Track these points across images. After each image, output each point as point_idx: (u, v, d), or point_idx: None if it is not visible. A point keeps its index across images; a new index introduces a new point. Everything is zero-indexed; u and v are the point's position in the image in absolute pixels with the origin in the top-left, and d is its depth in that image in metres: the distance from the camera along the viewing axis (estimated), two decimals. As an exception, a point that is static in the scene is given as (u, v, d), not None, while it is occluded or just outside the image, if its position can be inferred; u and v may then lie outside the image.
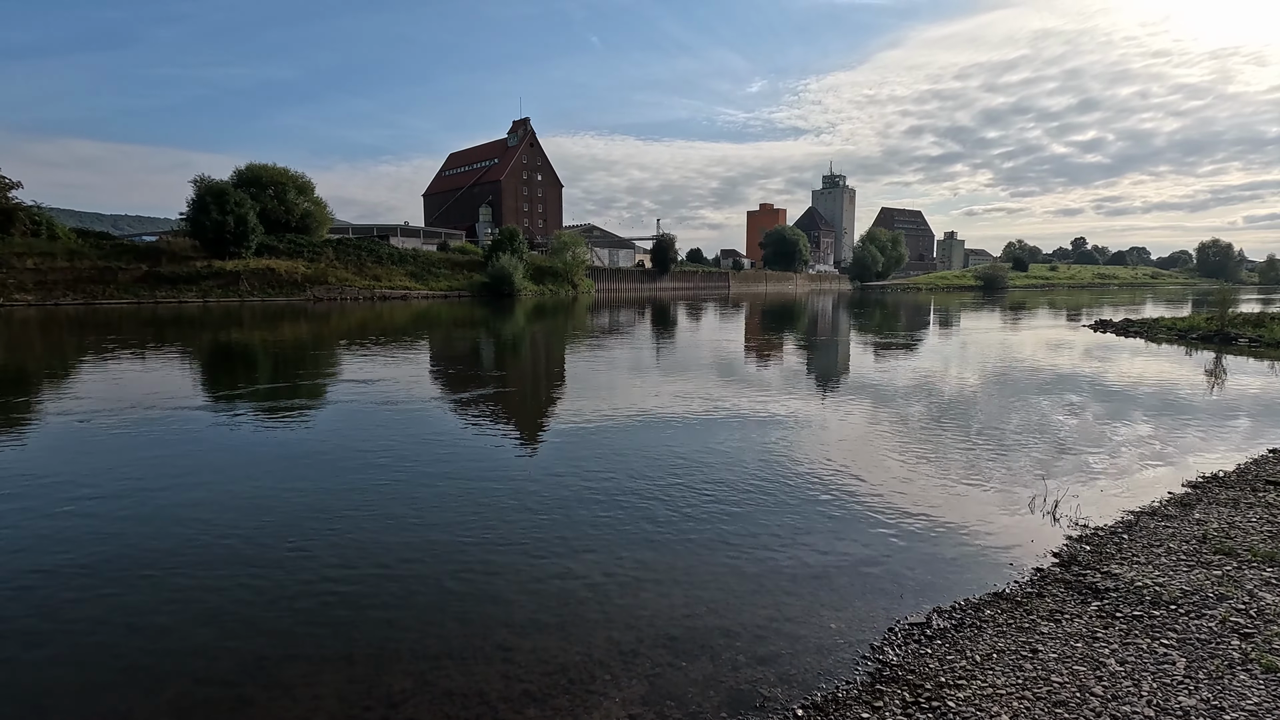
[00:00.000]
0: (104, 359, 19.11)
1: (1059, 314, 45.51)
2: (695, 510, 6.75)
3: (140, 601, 4.92)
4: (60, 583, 5.21)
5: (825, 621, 4.58)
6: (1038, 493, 7.27)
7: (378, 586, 5.13)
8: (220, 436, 10.06)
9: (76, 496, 7.20)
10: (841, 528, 6.31)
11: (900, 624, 4.52)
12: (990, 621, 4.48)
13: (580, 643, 4.33)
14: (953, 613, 4.64)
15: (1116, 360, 19.36)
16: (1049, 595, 4.84)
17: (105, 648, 4.32)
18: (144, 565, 5.52)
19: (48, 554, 5.74)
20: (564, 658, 4.17)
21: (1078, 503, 6.97)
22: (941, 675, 3.86)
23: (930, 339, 28.03)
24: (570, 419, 11.21)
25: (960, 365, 18.69)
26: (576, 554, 5.70)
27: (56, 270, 53.11)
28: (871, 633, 4.44)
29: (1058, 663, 3.93)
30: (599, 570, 5.40)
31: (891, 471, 8.15)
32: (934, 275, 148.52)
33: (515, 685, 3.91)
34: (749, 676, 3.98)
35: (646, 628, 4.51)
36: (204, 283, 56.72)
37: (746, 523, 6.42)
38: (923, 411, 11.88)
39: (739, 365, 19.15)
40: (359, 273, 66.16)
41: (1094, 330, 30.04)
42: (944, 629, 4.43)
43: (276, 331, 29.20)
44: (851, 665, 4.08)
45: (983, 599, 4.85)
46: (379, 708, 3.72)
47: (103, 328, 30.52)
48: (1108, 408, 12.24)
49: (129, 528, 6.33)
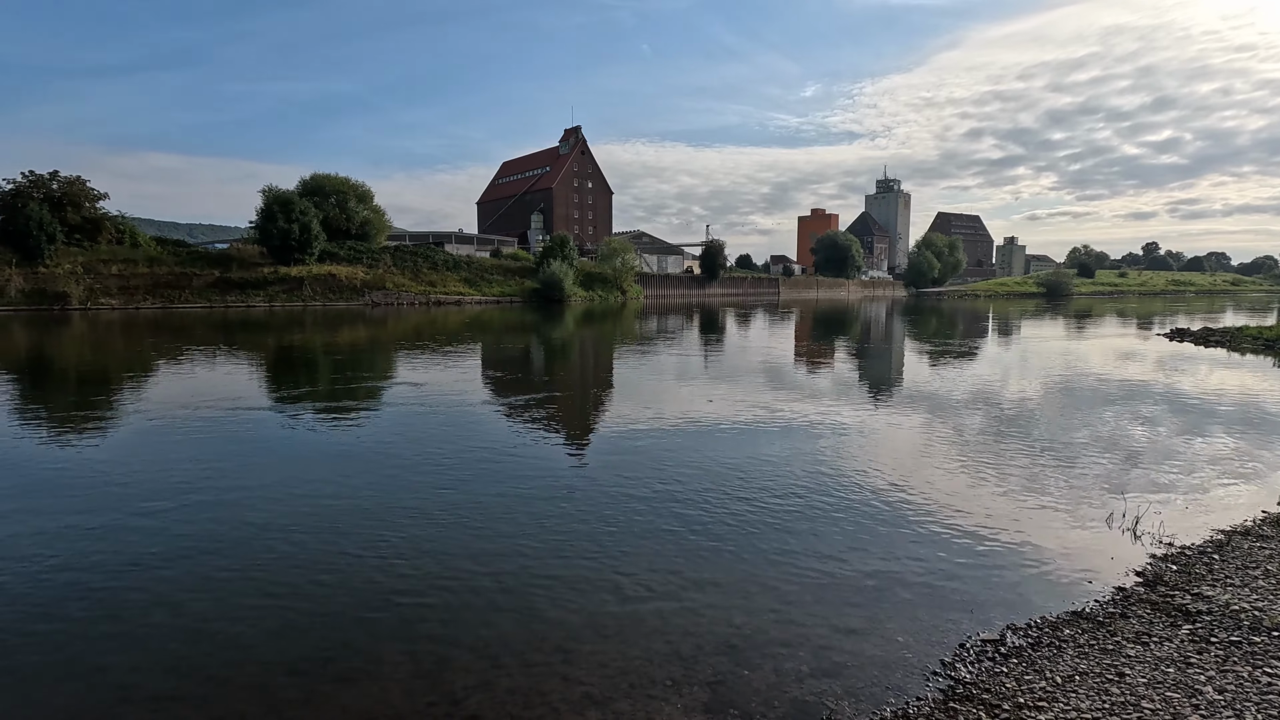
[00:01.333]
0: (180, 360, 20.09)
1: (1129, 322, 43.37)
2: (750, 519, 6.64)
3: (214, 596, 5.11)
4: (134, 577, 5.45)
5: (891, 635, 4.42)
6: (1114, 508, 6.90)
7: (438, 587, 5.20)
8: (287, 437, 10.42)
9: (154, 491, 7.56)
10: (902, 540, 6.11)
11: (972, 640, 4.33)
12: (1070, 641, 4.24)
13: (639, 647, 4.29)
14: (1028, 631, 4.42)
15: (1195, 372, 18.30)
16: (1133, 616, 4.57)
17: (188, 633, 4.49)
18: (216, 562, 5.74)
19: (128, 547, 6.02)
20: (622, 662, 4.14)
21: (1160, 520, 6.58)
22: (1020, 696, 3.67)
23: (989, 347, 27.07)
24: (621, 425, 11.21)
25: (1021, 375, 17.97)
26: (631, 560, 5.67)
27: (138, 276, 56.21)
28: (941, 648, 4.26)
29: (1148, 688, 3.69)
30: (655, 577, 5.35)
31: (951, 483, 7.86)
32: (993, 282, 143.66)
33: (575, 687, 3.89)
34: (813, 688, 3.86)
35: (706, 635, 4.44)
36: (270, 288, 59.18)
37: (802, 533, 6.27)
38: (982, 422, 11.45)
39: (789, 372, 18.86)
40: (415, 278, 67.93)
41: (1169, 339, 28.48)
42: (1020, 647, 4.22)
43: (337, 335, 30.20)
44: (921, 681, 3.92)
45: (1061, 617, 4.61)
46: (443, 704, 3.75)
47: (179, 331, 32.12)
48: (1187, 421, 11.56)
49: (200, 525, 6.60)
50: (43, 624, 4.62)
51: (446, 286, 68.64)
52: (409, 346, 24.79)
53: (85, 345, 25.90)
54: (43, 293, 51.05)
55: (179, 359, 20.27)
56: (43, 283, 51.43)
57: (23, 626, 4.59)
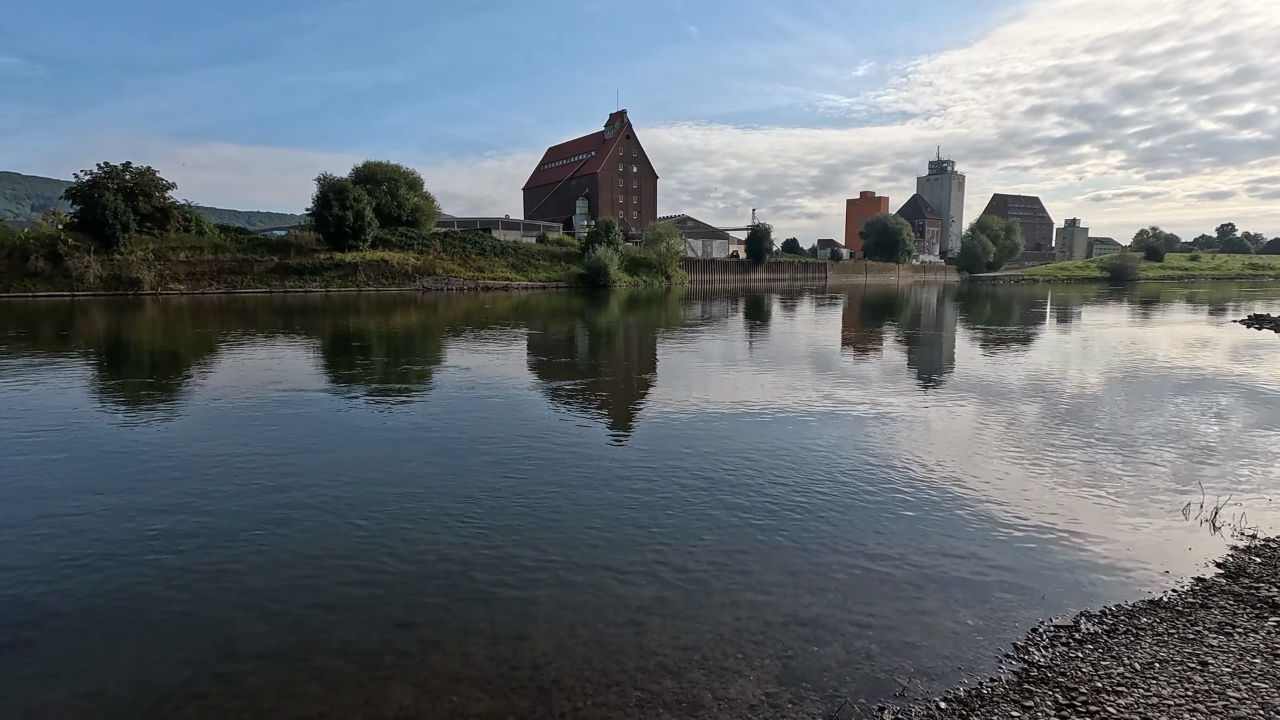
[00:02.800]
0: (243, 343, 21.01)
1: (1200, 308, 41.29)
2: (806, 506, 6.67)
3: (299, 567, 5.43)
4: (218, 548, 5.82)
5: (961, 618, 4.43)
6: (1192, 499, 6.69)
7: (511, 563, 5.40)
8: (350, 419, 10.86)
9: (227, 470, 8.01)
10: (964, 528, 6.06)
11: (1045, 625, 4.31)
12: (1148, 630, 4.19)
13: (708, 622, 4.41)
14: (1103, 618, 4.37)
15: (1275, 360, 17.38)
16: (1215, 607, 4.47)
17: (280, 598, 4.80)
18: (296, 535, 6.08)
19: (210, 521, 6.43)
20: (694, 636, 4.26)
21: (1241, 511, 6.36)
22: (1097, 680, 3.65)
23: (1046, 334, 26.17)
24: (669, 410, 11.31)
25: (1081, 363, 17.36)
26: (693, 542, 5.78)
27: (204, 262, 58.73)
28: (1013, 632, 4.25)
29: (1233, 677, 3.63)
30: (720, 556, 5.45)
31: (1009, 472, 7.73)
32: (1052, 266, 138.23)
33: (650, 658, 4.03)
34: (884, 665, 3.92)
35: (773, 613, 4.53)
36: (326, 273, 61.11)
37: (861, 520, 6.28)
38: (1039, 411, 11.15)
39: (836, 359, 18.64)
40: (464, 264, 69.16)
41: (1247, 326, 27.05)
42: (1095, 634, 4.18)
43: (391, 319, 31.06)
44: (994, 662, 3.93)
45: (1137, 606, 4.54)
46: (525, 668, 3.94)
47: (242, 314, 33.51)
48: (1265, 412, 11.04)
49: (279, 499, 6.98)
50: (160, 587, 5.00)
51: (494, 272, 69.68)
52: (461, 331, 25.36)
53: (159, 328, 27.28)
54: (118, 278, 53.83)
55: (244, 342, 21.21)
56: (118, 269, 54.22)
57: (133, 588, 4.97)
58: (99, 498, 6.87)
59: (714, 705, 3.60)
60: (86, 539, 5.80)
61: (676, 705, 3.61)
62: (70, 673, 3.93)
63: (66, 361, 16.74)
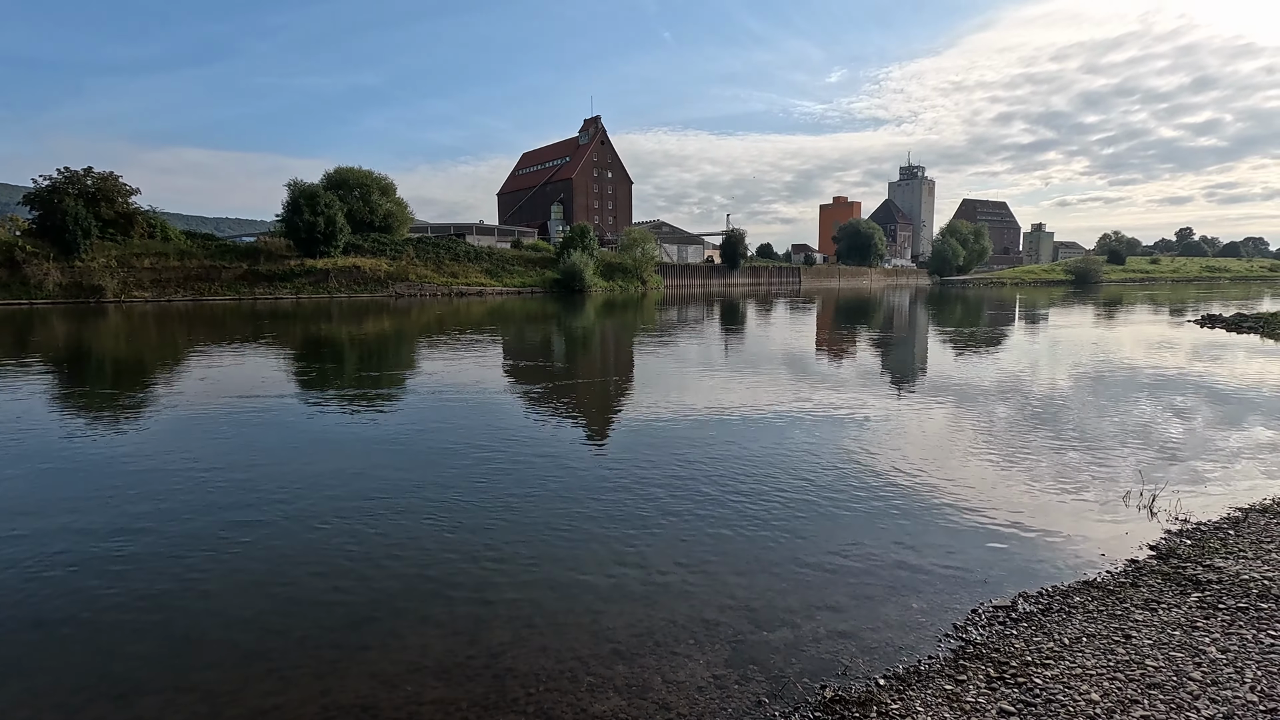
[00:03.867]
0: (211, 352, 20.71)
1: (1160, 309, 42.58)
2: (771, 499, 6.83)
3: (264, 567, 5.44)
4: (176, 552, 5.81)
5: (907, 601, 4.60)
6: (1134, 489, 6.98)
7: (473, 558, 5.47)
8: (320, 425, 10.82)
9: (191, 475, 7.96)
10: (923, 518, 6.26)
11: (984, 606, 4.50)
12: (1080, 608, 4.40)
13: (664, 610, 4.53)
14: (1040, 598, 4.58)
15: (1227, 359, 18.05)
16: (1144, 585, 4.70)
17: (238, 598, 4.82)
18: (268, 532, 6.08)
19: (173, 521, 6.40)
20: (649, 622, 4.38)
21: (1178, 498, 6.66)
22: (1028, 655, 3.84)
23: (1015, 336, 26.83)
24: (642, 413, 11.44)
25: (1050, 363, 17.87)
26: (656, 536, 5.90)
27: (169, 269, 57.58)
28: (955, 614, 4.44)
29: (1153, 648, 3.85)
30: (679, 549, 5.58)
31: (974, 468, 7.98)
32: (1020, 269, 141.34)
33: (604, 644, 4.14)
34: (830, 648, 4.07)
35: (727, 600, 4.66)
36: (297, 280, 60.27)
37: (823, 513, 6.46)
38: (1008, 411, 11.49)
39: (810, 362, 18.94)
40: (437, 270, 68.69)
41: (1200, 326, 28.00)
42: (1030, 613, 4.38)
43: (363, 326, 30.80)
44: (934, 642, 4.11)
45: (1072, 586, 4.76)
46: (481, 656, 4.02)
47: (210, 322, 32.97)
48: (1215, 407, 11.50)
49: (241, 504, 6.96)
50: (122, 598, 4.98)
51: (468, 277, 69.32)
52: (433, 337, 25.25)
53: (122, 337, 26.73)
54: (79, 286, 52.55)
55: (211, 350, 20.90)
56: (79, 276, 52.93)
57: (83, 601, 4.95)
58: (56, 505, 6.80)
59: (663, 688, 3.72)
60: (37, 547, 5.75)
61: (627, 688, 3.72)
62: (22, 672, 3.93)
63: (22, 372, 16.37)
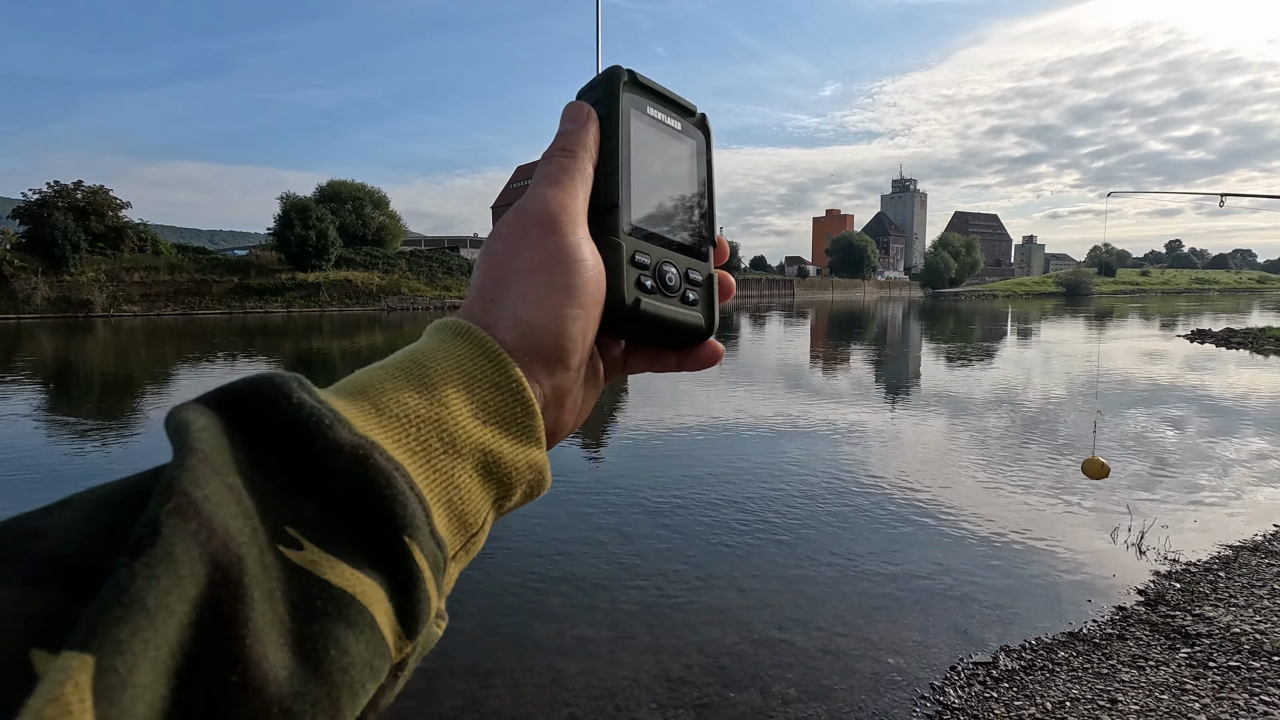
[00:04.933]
0: (201, 366, 20.44)
1: (1151, 322, 42.69)
2: (751, 530, 6.62)
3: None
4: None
5: (883, 656, 4.39)
6: (1122, 521, 6.80)
7: (434, 600, 5.24)
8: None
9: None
10: (905, 555, 6.06)
11: (964, 663, 4.29)
12: (1064, 665, 4.19)
13: (628, 667, 4.30)
14: (1022, 653, 4.37)
15: (1216, 375, 17.98)
16: (1131, 638, 4.50)
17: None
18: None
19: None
20: (611, 682, 4.15)
21: (1167, 534, 6.47)
22: (1008, 722, 3.64)
23: (1007, 349, 26.78)
24: (625, 429, 11.23)
25: (1042, 377, 17.76)
26: (628, 571, 5.68)
27: (159, 283, 57.31)
28: (933, 671, 4.23)
29: (1140, 716, 3.64)
30: (651, 591, 5.36)
31: (961, 494, 7.79)
32: (1011, 281, 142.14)
33: (561, 709, 3.91)
34: (799, 712, 3.85)
35: (696, 654, 4.44)
36: (288, 294, 60.04)
37: (805, 546, 6.25)
38: (998, 427, 11.33)
39: (801, 375, 18.79)
40: (430, 283, 68.61)
41: (1190, 340, 28.01)
42: (1012, 670, 4.17)
43: (355, 340, 30.57)
44: (909, 706, 3.89)
45: (1056, 639, 4.55)
46: (429, 726, 3.79)
47: (199, 337, 32.70)
48: (1205, 427, 11.36)
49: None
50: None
51: (461, 291, 69.18)
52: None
53: (111, 352, 26.44)
54: (67, 300, 52.22)
55: (202, 364, 20.64)
56: (67, 290, 52.60)
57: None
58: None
59: (621, 761, 3.50)
60: None
61: (582, 762, 3.50)
62: None
63: (8, 387, 16.08)
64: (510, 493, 0.37)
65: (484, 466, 0.35)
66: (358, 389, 0.34)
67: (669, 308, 0.46)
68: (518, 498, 0.39)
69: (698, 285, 0.49)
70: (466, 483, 0.34)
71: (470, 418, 0.35)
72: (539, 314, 0.40)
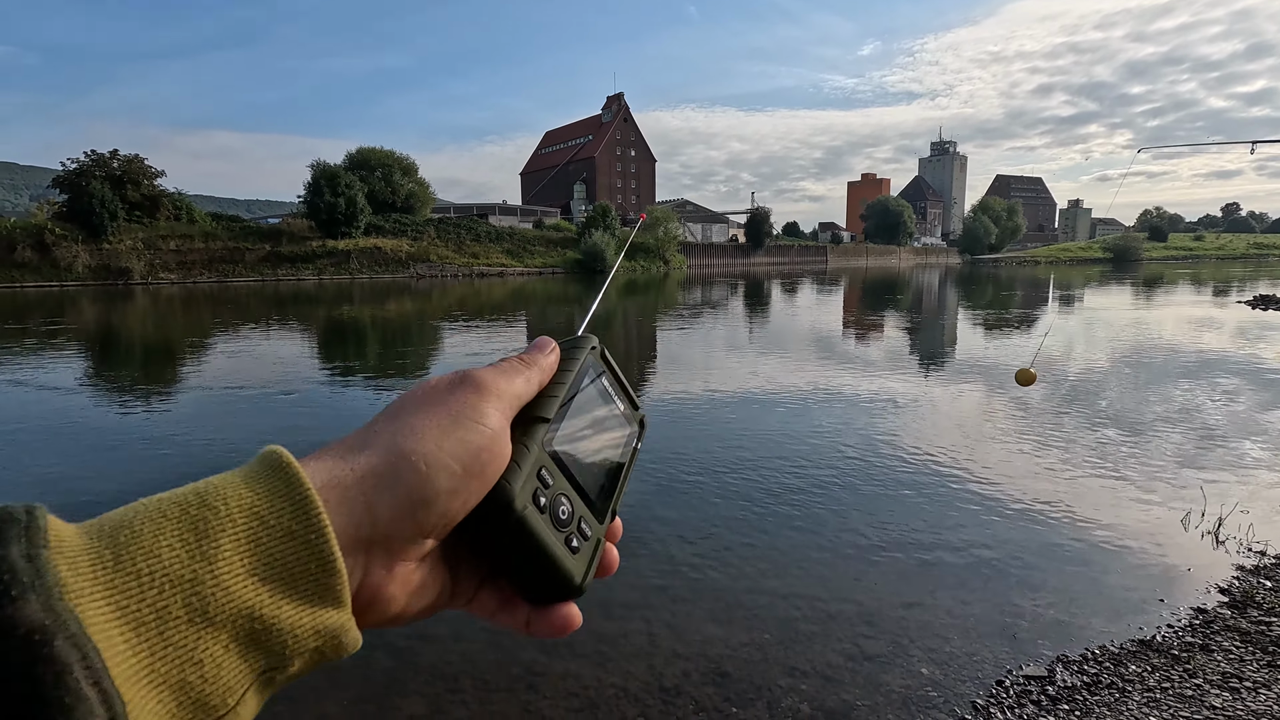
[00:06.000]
0: (237, 334, 20.38)
1: (1204, 289, 40.36)
2: (769, 511, 5.99)
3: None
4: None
5: (915, 665, 3.75)
6: (1194, 507, 5.99)
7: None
8: (338, 409, 10.21)
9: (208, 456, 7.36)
10: (941, 539, 5.37)
11: (1013, 676, 3.63)
12: (1137, 682, 3.50)
13: (617, 673, 3.74)
14: (1085, 665, 3.69)
15: (1285, 343, 16.60)
16: (1219, 650, 3.78)
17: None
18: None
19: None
20: (595, 690, 3.59)
21: (1249, 520, 5.66)
22: (1070, 758, 2.98)
23: (1049, 317, 25.37)
24: (651, 397, 10.62)
25: (1086, 346, 16.60)
26: (629, 557, 5.11)
27: (194, 251, 58.06)
28: (974, 685, 3.58)
29: (1238, 755, 2.96)
30: (652, 578, 4.79)
31: (1004, 473, 7.03)
32: (1055, 247, 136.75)
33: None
34: (815, 735, 3.25)
35: (697, 658, 3.86)
36: (319, 261, 60.41)
37: (828, 531, 5.60)
38: (1042, 400, 10.43)
39: (833, 343, 17.91)
40: (458, 250, 68.38)
41: (1251, 307, 26.21)
42: (1072, 688, 3.50)
43: (384, 308, 30.41)
44: (948, 730, 3.26)
45: (1125, 648, 3.85)
46: (379, 739, 3.28)
47: (234, 304, 32.92)
48: (1275, 402, 10.31)
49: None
50: None
51: (489, 258, 68.91)
52: (455, 319, 24.68)
53: (150, 319, 26.68)
54: (107, 268, 53.26)
55: (238, 332, 20.58)
56: (106, 259, 53.61)
57: None
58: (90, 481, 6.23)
59: (598, 791, 2.95)
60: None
61: (551, 792, 2.96)
62: None
63: (58, 352, 16.11)
64: (286, 663, 0.32)
65: (248, 634, 0.30)
66: (114, 527, 0.29)
67: (551, 538, 0.42)
68: (298, 666, 0.33)
69: (585, 538, 0.46)
70: (215, 657, 0.29)
71: (243, 575, 0.30)
72: (419, 446, 0.36)
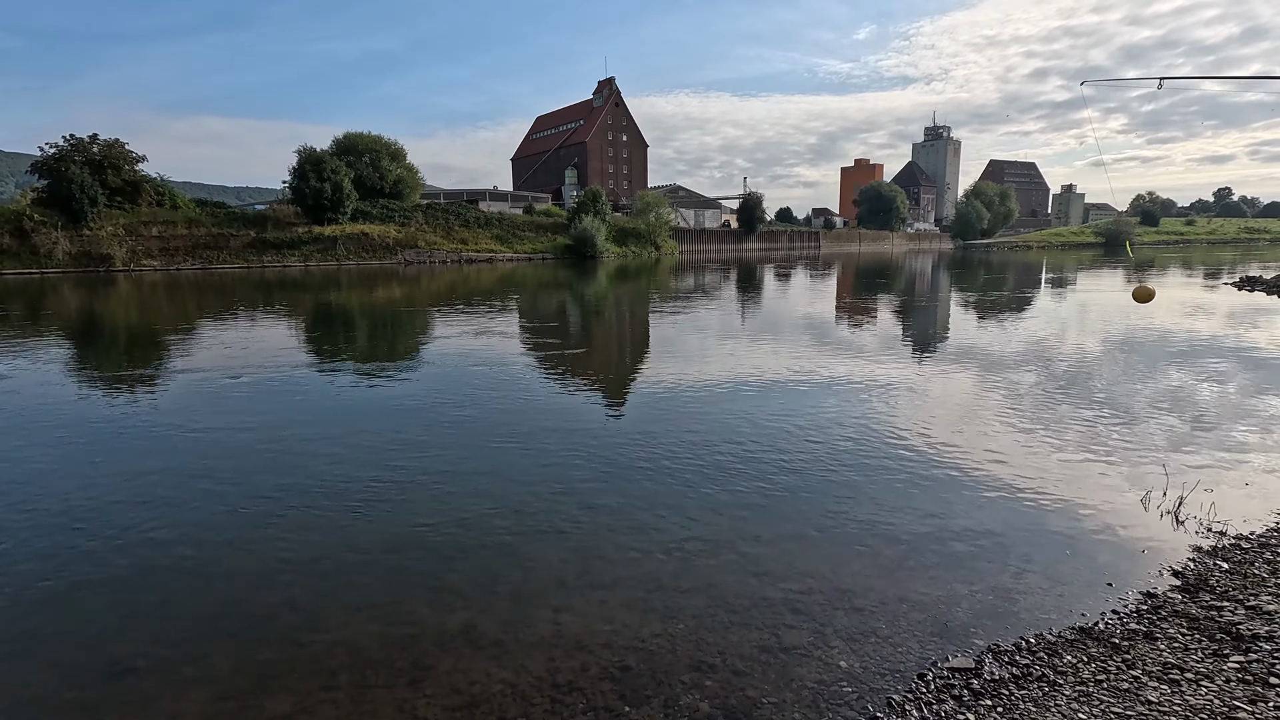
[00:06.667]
0: (221, 321, 19.91)
1: (1194, 272, 40.11)
2: (710, 496, 5.67)
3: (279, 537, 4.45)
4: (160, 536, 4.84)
5: (834, 658, 3.45)
6: (1156, 481, 5.71)
7: (422, 579, 4.43)
8: (326, 396, 9.84)
9: (201, 449, 7.01)
10: (884, 525, 5.06)
11: (938, 669, 3.33)
12: (1070, 675, 3.21)
13: (510, 667, 3.42)
14: (1015, 657, 3.39)
15: (1266, 324, 16.36)
16: (1163, 637, 3.49)
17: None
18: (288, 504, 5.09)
19: (179, 501, 5.44)
20: (481, 686, 3.28)
21: (1211, 500, 5.37)
22: (985, 760, 2.69)
23: (1040, 301, 25.09)
24: (628, 382, 10.29)
25: (1075, 329, 16.32)
26: (558, 537, 4.80)
27: (177, 238, 57.18)
28: (894, 679, 3.28)
29: (1169, 756, 2.67)
30: (576, 562, 4.48)
31: (959, 453, 6.72)
32: (1047, 232, 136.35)
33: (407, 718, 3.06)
34: (710, 735, 2.95)
35: (601, 650, 3.55)
36: (305, 247, 59.60)
37: (770, 517, 5.28)
38: (1026, 381, 10.14)
39: (822, 328, 17.59)
40: (447, 236, 67.62)
41: (1238, 289, 25.99)
42: (999, 681, 3.20)
43: (371, 294, 29.91)
44: (857, 729, 2.96)
45: (1063, 636, 3.56)
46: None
47: (218, 291, 32.37)
48: (1254, 379, 10.05)
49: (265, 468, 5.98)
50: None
51: (478, 244, 68.24)
52: (443, 305, 24.24)
53: (133, 306, 26.13)
54: (88, 254, 52.38)
55: (222, 319, 20.10)
56: (87, 245, 52.73)
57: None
58: (72, 477, 5.88)
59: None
60: (59, 518, 4.82)
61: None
62: None
63: (38, 341, 15.61)
64: None
65: None
66: None
67: None
68: None
69: None
70: None
71: None
72: None
